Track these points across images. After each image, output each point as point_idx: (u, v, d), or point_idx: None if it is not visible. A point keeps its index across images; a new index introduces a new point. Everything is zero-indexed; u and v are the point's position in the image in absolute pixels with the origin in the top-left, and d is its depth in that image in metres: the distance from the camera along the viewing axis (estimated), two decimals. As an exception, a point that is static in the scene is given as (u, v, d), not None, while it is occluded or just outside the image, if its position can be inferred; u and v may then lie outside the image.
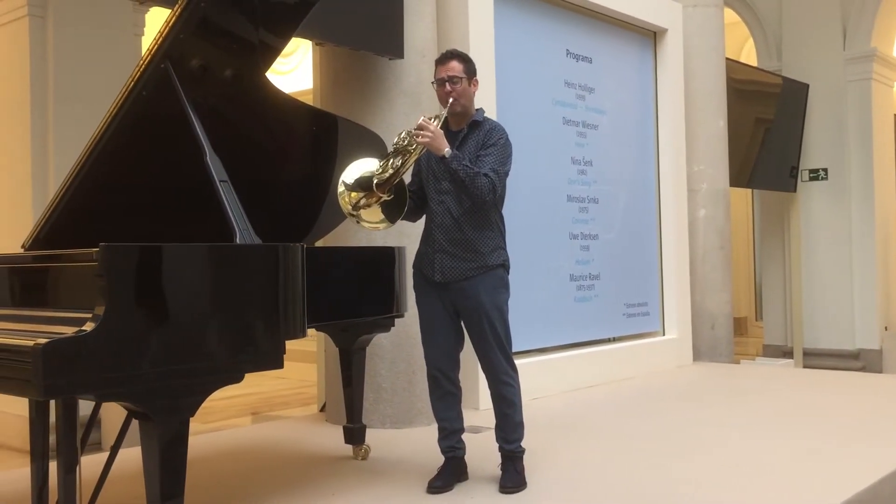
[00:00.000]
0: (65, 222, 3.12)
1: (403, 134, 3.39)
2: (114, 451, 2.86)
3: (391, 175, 3.30)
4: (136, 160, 3.02)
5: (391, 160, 3.34)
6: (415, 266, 3.63)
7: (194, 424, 6.49)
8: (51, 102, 6.11)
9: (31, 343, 2.08)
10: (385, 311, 3.66)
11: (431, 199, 3.54)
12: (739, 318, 13.80)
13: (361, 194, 3.31)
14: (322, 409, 5.39)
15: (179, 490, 2.36)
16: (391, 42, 4.77)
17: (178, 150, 2.85)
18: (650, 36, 7.19)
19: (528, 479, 3.60)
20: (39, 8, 6.19)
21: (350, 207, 3.32)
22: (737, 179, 9.34)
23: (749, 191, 11.65)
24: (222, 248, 2.51)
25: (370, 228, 3.48)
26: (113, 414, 5.29)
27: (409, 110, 4.90)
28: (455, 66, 3.47)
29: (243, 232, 2.63)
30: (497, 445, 3.63)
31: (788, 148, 9.94)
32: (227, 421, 6.48)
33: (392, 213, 3.39)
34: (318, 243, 4.23)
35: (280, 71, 9.63)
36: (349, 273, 3.40)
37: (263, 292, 2.60)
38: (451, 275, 3.47)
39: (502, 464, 3.62)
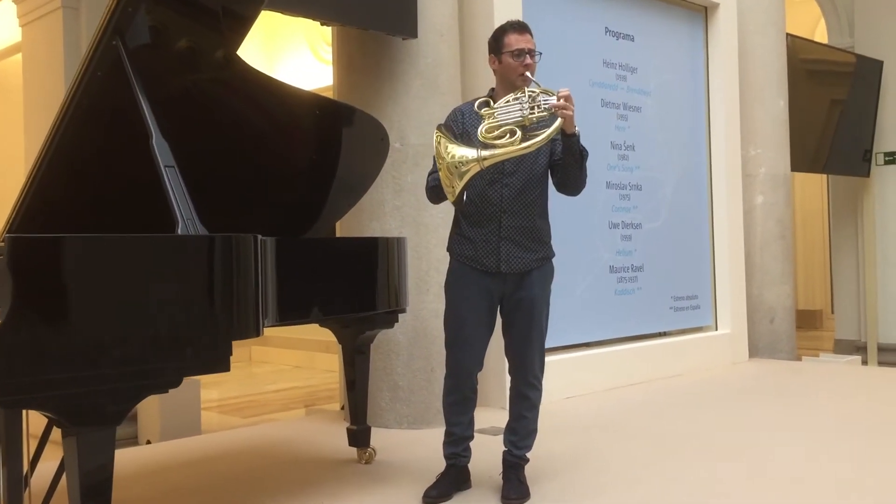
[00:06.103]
0: (34, 214, 2.96)
1: (526, 99, 3.01)
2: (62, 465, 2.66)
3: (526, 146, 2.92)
4: (97, 146, 2.84)
5: (517, 135, 2.93)
6: (463, 256, 3.22)
7: (235, 419, 6.35)
8: (83, 94, 6.07)
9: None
10: (373, 306, 3.36)
11: (486, 181, 3.11)
12: (814, 311, 13.10)
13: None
14: (343, 408, 5.17)
15: (102, 511, 2.10)
16: (404, 21, 4.49)
17: (136, 134, 2.63)
18: (700, 11, 6.72)
19: (534, 489, 3.32)
20: (73, 0, 6.15)
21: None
22: (811, 165, 8.76)
23: (824, 177, 10.96)
24: (149, 240, 2.25)
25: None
26: (148, 405, 5.18)
27: (426, 93, 4.63)
28: (532, 40, 3.26)
29: (186, 221, 2.39)
30: (502, 451, 3.35)
31: (862, 130, 9.28)
32: (272, 415, 6.37)
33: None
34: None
35: (329, 60, 9.44)
36: (325, 266, 3.06)
37: (202, 288, 2.32)
38: (517, 265, 3.17)
39: (504, 472, 3.33)
